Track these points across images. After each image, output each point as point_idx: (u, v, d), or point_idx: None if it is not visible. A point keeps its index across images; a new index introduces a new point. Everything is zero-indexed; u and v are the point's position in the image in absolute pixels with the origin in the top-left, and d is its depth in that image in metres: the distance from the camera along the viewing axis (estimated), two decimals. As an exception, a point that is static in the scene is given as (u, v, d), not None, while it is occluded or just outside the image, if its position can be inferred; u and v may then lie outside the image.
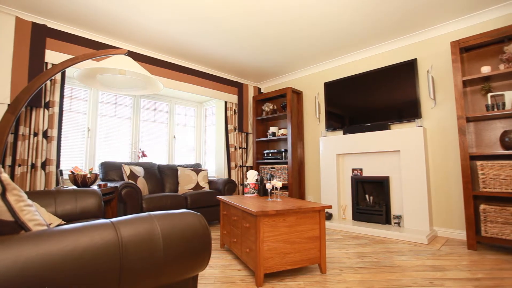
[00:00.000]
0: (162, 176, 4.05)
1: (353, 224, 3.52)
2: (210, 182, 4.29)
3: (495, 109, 2.70)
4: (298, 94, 4.77)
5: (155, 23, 3.22)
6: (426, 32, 3.44)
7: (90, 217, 2.03)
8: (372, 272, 2.10)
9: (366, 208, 3.67)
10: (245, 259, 2.14)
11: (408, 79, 3.52)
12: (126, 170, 3.44)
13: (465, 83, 2.95)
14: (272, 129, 4.84)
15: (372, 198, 3.77)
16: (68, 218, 1.93)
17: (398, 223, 3.37)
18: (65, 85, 3.44)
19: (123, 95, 4.24)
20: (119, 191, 2.93)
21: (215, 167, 5.09)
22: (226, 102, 4.88)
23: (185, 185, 4.03)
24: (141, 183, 3.50)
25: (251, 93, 5.22)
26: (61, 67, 2.26)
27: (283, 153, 4.63)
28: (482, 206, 2.62)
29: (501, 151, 2.63)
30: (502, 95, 2.73)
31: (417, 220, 3.22)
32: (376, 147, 3.62)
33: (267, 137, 4.89)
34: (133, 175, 3.46)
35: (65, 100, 3.61)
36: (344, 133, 4.06)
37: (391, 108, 3.65)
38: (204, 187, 4.14)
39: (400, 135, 3.42)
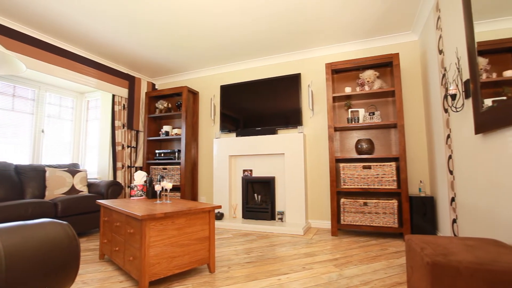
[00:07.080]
0: (22, 179, 3.27)
1: (242, 222, 3.73)
2: (90, 185, 3.74)
3: (353, 122, 3.38)
4: (194, 94, 4.72)
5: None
6: (309, 51, 4.00)
7: None
8: (257, 265, 2.28)
9: (254, 206, 3.95)
10: (128, 269, 1.96)
11: (293, 90, 4.00)
12: (-38, 171, 2.61)
13: (335, 99, 3.58)
14: (166, 128, 4.62)
15: (260, 197, 4.08)
16: None
17: (281, 219, 3.76)
18: None
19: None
20: None
21: (97, 167, 4.47)
22: (114, 96, 4.35)
23: (56, 190, 3.38)
24: (-13, 189, 2.73)
25: (144, 88, 4.84)
26: None
27: (177, 154, 4.48)
28: (342, 200, 3.24)
29: (355, 155, 3.32)
30: (358, 111, 3.45)
31: (296, 214, 3.68)
32: (265, 150, 3.95)
33: (160, 136, 4.63)
34: (-27, 178, 2.66)
35: None
36: (237, 136, 4.26)
37: (279, 114, 4.06)
38: (81, 191, 3.57)
39: (285, 140, 3.84)
